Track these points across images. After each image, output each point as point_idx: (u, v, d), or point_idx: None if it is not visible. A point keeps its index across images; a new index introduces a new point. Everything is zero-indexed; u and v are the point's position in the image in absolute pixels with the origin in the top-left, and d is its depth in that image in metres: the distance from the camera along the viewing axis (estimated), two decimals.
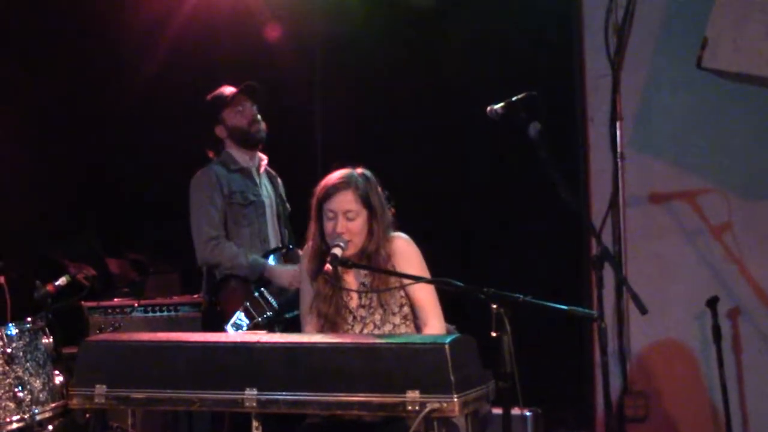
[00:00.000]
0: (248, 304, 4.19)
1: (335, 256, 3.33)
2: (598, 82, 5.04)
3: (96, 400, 3.12)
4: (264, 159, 4.72)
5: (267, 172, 4.75)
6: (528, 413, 4.49)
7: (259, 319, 4.15)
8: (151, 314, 5.06)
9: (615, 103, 4.99)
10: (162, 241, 5.80)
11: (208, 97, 4.70)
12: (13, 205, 5.53)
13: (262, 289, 4.26)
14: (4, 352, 3.67)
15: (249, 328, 4.10)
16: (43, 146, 5.80)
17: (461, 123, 5.18)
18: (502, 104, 3.55)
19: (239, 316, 4.16)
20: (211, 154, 4.69)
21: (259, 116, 4.63)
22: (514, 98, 3.54)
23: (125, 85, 5.98)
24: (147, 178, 5.97)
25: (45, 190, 5.80)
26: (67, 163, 5.93)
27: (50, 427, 3.72)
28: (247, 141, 4.62)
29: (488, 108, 3.57)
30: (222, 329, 4.10)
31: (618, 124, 4.98)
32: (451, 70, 5.49)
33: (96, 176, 6.04)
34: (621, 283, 4.65)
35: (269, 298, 4.22)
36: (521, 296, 2.95)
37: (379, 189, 3.55)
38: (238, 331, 4.08)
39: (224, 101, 4.61)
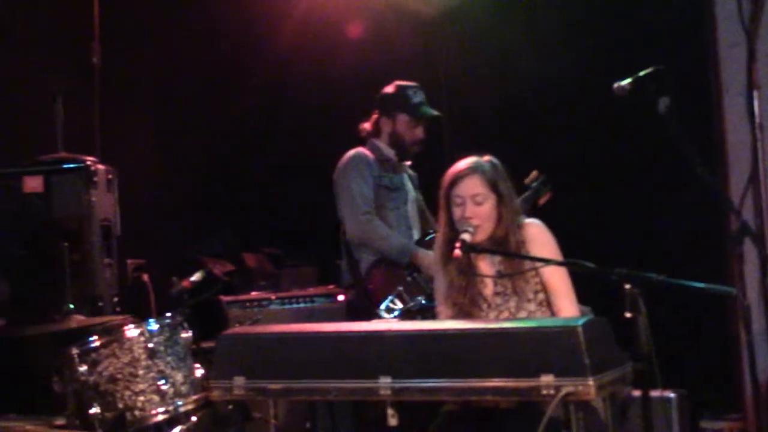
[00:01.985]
0: (401, 288, 4.20)
1: (464, 241, 3.31)
2: (732, 51, 4.85)
3: (235, 392, 3.17)
4: None
5: (405, 168, 4.78)
6: (671, 395, 4.37)
7: (412, 303, 4.16)
8: (287, 306, 5.14)
9: (751, 72, 4.80)
10: (297, 234, 5.89)
11: (394, 87, 4.69)
12: (155, 206, 5.71)
13: (415, 274, 4.27)
14: (146, 347, 3.79)
15: (401, 313, 4.11)
16: (179, 147, 5.96)
17: (588, 101, 5.07)
18: (629, 80, 3.46)
19: (392, 300, 4.18)
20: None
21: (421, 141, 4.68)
22: (641, 73, 3.45)
23: (257, 81, 6.10)
24: (281, 173, 6.07)
25: (182, 190, 5.96)
26: (203, 161, 6.08)
27: (194, 419, 3.81)
28: (400, 152, 4.67)
29: (614, 85, 3.48)
30: (371, 315, 4.12)
31: (755, 94, 4.80)
32: (573, 46, 5.39)
33: (231, 172, 6.17)
34: (764, 259, 4.48)
35: (422, 284, 4.22)
36: (655, 275, 2.88)
37: (507, 176, 3.51)
38: (391, 315, 4.09)
39: (409, 107, 4.63)
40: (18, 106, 5.23)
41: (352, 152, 4.62)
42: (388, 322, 3.56)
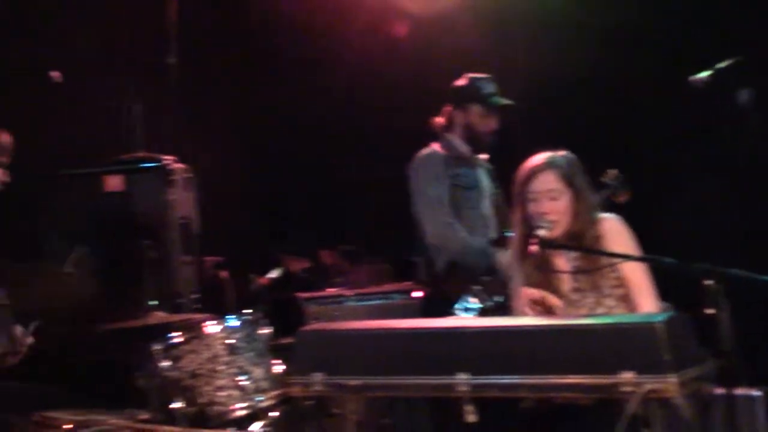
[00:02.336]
0: (477, 287, 4.20)
1: (541, 237, 3.29)
2: None
3: (314, 388, 3.19)
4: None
5: (481, 162, 4.76)
6: (757, 393, 4.29)
7: (490, 302, 4.15)
8: (363, 303, 5.16)
9: None
10: (373, 231, 5.91)
11: (466, 79, 4.69)
12: (232, 204, 5.78)
13: (493, 275, 4.26)
14: (226, 343, 3.84)
15: (478, 312, 4.11)
16: (256, 145, 6.03)
17: (666, 96, 5.01)
18: (708, 72, 3.40)
19: (468, 299, 4.18)
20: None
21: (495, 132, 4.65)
22: (720, 65, 3.39)
23: (332, 80, 6.14)
24: (357, 170, 6.10)
25: (260, 188, 6.03)
26: (280, 159, 6.14)
27: (273, 414, 3.85)
28: (474, 144, 4.65)
29: (691, 78, 3.43)
30: (446, 313, 4.12)
31: None
32: (651, 37, 5.32)
33: (308, 169, 6.21)
34: None
35: (499, 284, 4.21)
36: (737, 271, 2.83)
37: (583, 171, 3.48)
38: (467, 314, 4.08)
39: (481, 97, 4.62)
40: (98, 108, 5.34)
41: (425, 152, 4.61)
42: (466, 318, 3.56)
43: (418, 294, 4.98)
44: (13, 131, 4.08)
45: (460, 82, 4.70)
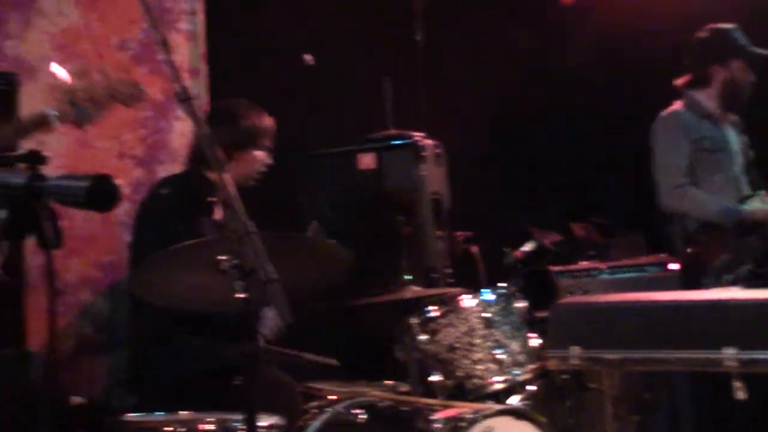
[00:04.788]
0: (730, 256, 4.04)
1: None
2: None
3: (571, 362, 3.15)
4: None
5: (729, 117, 4.55)
6: None
7: (744, 270, 3.99)
8: (618, 276, 5.05)
9: None
10: (625, 202, 5.78)
11: (720, 32, 4.52)
12: (482, 178, 5.80)
13: (747, 236, 4.09)
14: (482, 317, 3.86)
15: (739, 280, 3.96)
16: (504, 119, 6.01)
17: None
18: None
19: (725, 267, 4.02)
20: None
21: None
22: None
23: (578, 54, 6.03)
24: (601, 140, 5.98)
25: (509, 161, 6.02)
26: (529, 132, 6.10)
27: (531, 388, 3.84)
28: (731, 101, 4.46)
29: None
30: (700, 283, 3.99)
31: None
32: None
33: (556, 141, 6.14)
34: None
35: (754, 246, 4.03)
36: None
37: None
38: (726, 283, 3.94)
39: (742, 51, 4.43)
40: (349, 88, 5.48)
41: (666, 113, 4.45)
42: (731, 290, 3.42)
43: (673, 266, 4.83)
44: (276, 115, 4.26)
45: (713, 35, 4.49)
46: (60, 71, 2.76)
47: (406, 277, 4.12)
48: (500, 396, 3.76)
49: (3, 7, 4.64)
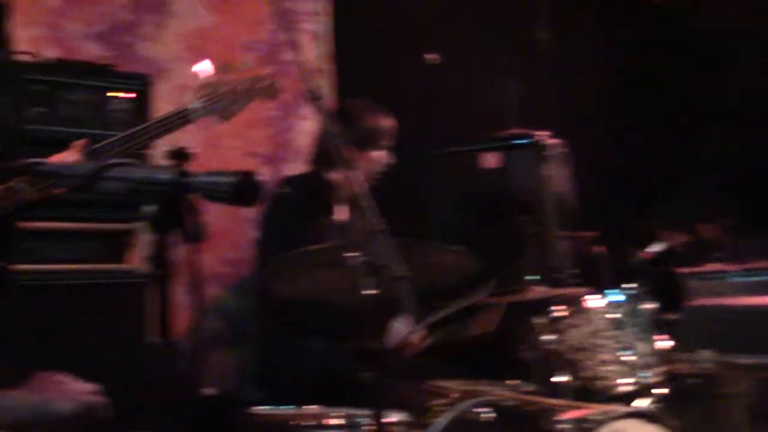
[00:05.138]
0: None
1: None
2: None
3: (702, 365, 3.09)
4: None
5: None
6: None
7: None
8: (748, 279, 4.90)
9: None
10: (756, 203, 5.62)
11: None
12: (607, 178, 5.72)
13: None
14: (609, 318, 3.80)
15: None
16: (630, 118, 5.92)
17: None
18: None
19: None
20: None
21: None
22: None
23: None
24: (736, 138, 5.83)
25: (635, 161, 5.92)
26: (654, 132, 5.99)
27: (660, 391, 3.76)
28: None
29: None
30: None
31: None
32: None
33: (684, 141, 6.02)
34: None
35: None
36: None
37: None
38: None
39: None
40: (473, 86, 5.47)
41: None
42: None
43: None
44: (395, 114, 4.28)
45: None
46: (202, 68, 2.83)
47: (531, 277, 4.09)
48: (628, 398, 3.69)
49: (137, 11, 4.79)
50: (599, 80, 5.87)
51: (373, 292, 2.40)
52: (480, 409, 3.23)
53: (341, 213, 4.16)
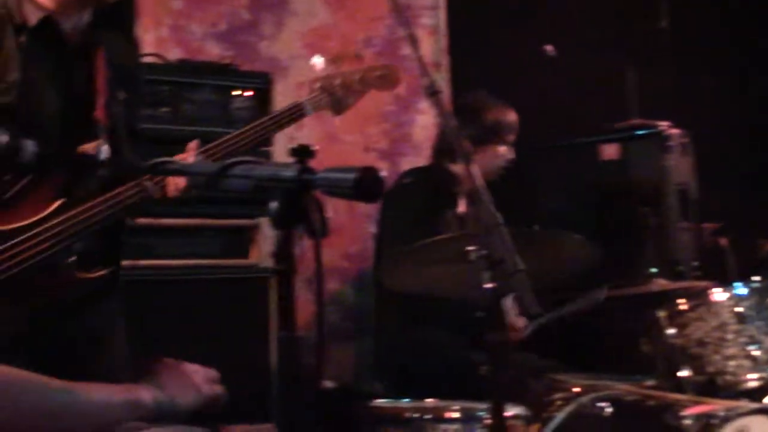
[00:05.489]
0: None
1: None
2: None
3: None
4: None
5: None
6: None
7: None
8: None
9: None
10: None
11: None
12: (731, 169, 5.59)
13: None
14: (734, 312, 3.71)
15: None
16: (755, 109, 5.77)
17: None
18: None
19: None
20: None
21: None
22: None
23: None
24: None
25: (761, 151, 5.77)
26: None
27: None
28: None
29: None
30: None
31: None
32: None
33: None
34: None
35: None
36: None
37: None
38: None
39: None
40: (592, 77, 5.40)
41: None
42: None
43: None
44: (516, 106, 4.27)
45: None
46: (319, 62, 2.86)
47: (652, 269, 4.03)
48: (755, 394, 3.60)
49: (258, 10, 4.89)
50: (722, 68, 5.74)
51: (492, 285, 2.40)
52: (601, 404, 3.20)
53: (462, 206, 4.17)
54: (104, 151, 2.50)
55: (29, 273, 2.41)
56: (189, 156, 2.56)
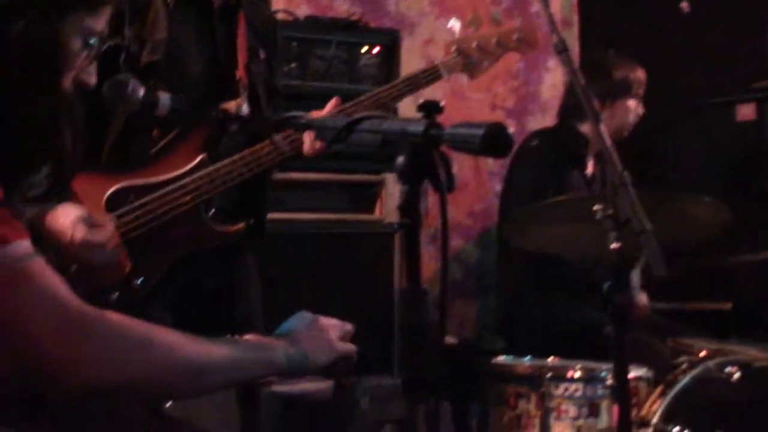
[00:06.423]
0: None
1: None
2: None
3: None
4: None
5: None
6: None
7: None
8: None
9: None
10: None
11: None
12: None
13: None
14: None
15: None
16: None
17: None
18: None
19: None
20: None
21: None
22: None
23: None
24: None
25: None
26: None
27: None
28: None
29: None
30: None
31: None
32: None
33: None
34: None
35: None
36: None
37: None
38: None
39: None
40: (728, 35, 5.23)
41: None
42: None
43: None
44: (649, 65, 4.18)
45: None
46: (457, 25, 2.86)
47: None
48: None
49: None
50: None
51: (618, 245, 2.37)
52: (729, 369, 3.14)
53: (590, 167, 4.13)
54: (245, 109, 2.57)
55: (171, 225, 2.51)
56: (324, 113, 2.61)
